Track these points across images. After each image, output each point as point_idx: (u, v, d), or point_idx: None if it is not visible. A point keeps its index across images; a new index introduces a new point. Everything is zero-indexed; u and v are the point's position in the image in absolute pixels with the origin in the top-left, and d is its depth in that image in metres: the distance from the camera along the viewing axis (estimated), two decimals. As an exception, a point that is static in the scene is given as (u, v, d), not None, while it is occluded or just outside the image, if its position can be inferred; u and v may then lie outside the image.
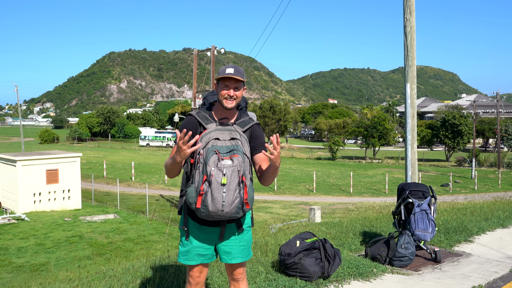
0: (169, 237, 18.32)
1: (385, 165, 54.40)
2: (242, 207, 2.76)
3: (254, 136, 3.04)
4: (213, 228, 2.98)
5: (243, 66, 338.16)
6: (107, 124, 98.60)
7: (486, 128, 69.39)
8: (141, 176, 38.88)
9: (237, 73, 2.93)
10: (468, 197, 25.34)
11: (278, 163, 2.84)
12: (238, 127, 2.96)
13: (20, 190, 23.22)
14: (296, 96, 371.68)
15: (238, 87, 2.96)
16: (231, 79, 2.94)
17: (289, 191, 34.03)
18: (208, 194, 2.71)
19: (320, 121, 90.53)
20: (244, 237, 3.06)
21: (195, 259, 3.01)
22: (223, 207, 2.70)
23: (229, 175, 2.71)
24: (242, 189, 2.75)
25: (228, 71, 2.93)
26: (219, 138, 2.82)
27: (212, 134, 2.84)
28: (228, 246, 3.03)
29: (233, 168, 2.73)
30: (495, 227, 8.03)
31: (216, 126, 2.92)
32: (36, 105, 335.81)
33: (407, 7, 8.04)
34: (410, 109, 7.98)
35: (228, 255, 3.04)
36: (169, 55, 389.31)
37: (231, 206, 2.71)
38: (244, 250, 3.07)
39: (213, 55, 25.63)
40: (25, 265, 14.43)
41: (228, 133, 2.87)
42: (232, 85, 2.94)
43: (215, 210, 2.71)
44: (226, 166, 2.72)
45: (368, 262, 5.54)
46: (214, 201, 2.70)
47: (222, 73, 2.93)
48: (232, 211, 2.73)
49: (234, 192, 2.72)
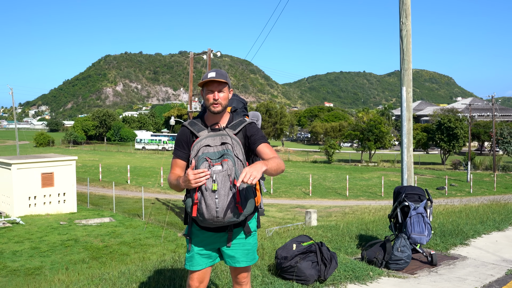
0: (165, 241, 18.26)
1: (381, 168, 54.50)
2: (238, 211, 2.74)
3: (249, 134, 3.00)
4: (219, 234, 2.97)
5: (239, 69, 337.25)
6: (102, 127, 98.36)
7: (481, 131, 69.66)
8: (136, 179, 38.76)
9: (219, 76, 2.92)
10: (464, 200, 25.42)
11: (270, 166, 2.68)
12: (230, 131, 2.94)
13: (15, 194, 23.10)
14: (292, 99, 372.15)
15: (221, 90, 2.95)
16: (214, 82, 2.93)
17: (285, 194, 34.01)
18: (202, 202, 2.71)
19: (316, 124, 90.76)
20: (248, 241, 3.04)
21: (200, 263, 3.00)
22: (217, 213, 2.69)
23: (220, 180, 2.70)
24: (234, 193, 2.73)
25: (210, 75, 2.92)
26: (210, 145, 2.82)
27: (203, 141, 2.84)
28: (232, 250, 3.01)
29: (223, 174, 2.72)
30: (491, 230, 8.04)
31: (207, 133, 2.91)
32: (31, 108, 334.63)
33: (403, 11, 8.07)
34: (406, 112, 7.99)
35: (232, 259, 3.02)
36: (165, 58, 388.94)
37: (226, 212, 2.70)
38: (249, 254, 3.05)
39: (209, 58, 25.64)
40: (20, 269, 14.34)
41: (220, 138, 2.86)
42: (215, 89, 2.93)
43: (210, 217, 2.71)
44: (216, 172, 2.72)
45: (365, 265, 5.53)
46: (208, 208, 2.70)
47: (205, 78, 2.93)
48: (229, 216, 2.72)
49: (227, 197, 2.71)
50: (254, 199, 2.87)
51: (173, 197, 30.52)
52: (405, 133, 8.02)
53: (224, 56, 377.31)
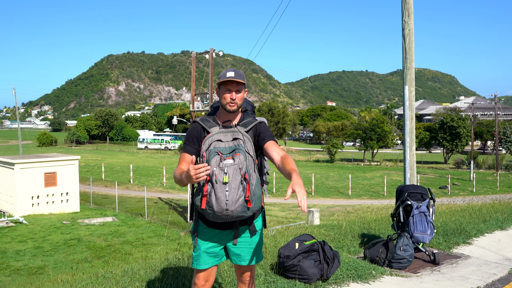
0: (168, 240, 18.29)
1: (383, 167, 54.44)
2: (247, 205, 2.77)
3: (258, 132, 3.06)
4: (225, 231, 2.99)
5: (242, 69, 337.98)
6: (105, 127, 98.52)
7: (484, 130, 69.49)
8: (139, 178, 38.83)
9: (238, 76, 2.96)
10: (467, 199, 25.36)
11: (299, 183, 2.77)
12: (241, 128, 2.99)
13: (18, 193, 23.16)
14: (295, 98, 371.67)
15: (239, 90, 2.99)
16: (232, 82, 2.96)
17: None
18: (211, 194, 2.72)
19: (319, 124, 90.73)
20: (254, 240, 3.06)
21: (207, 262, 3.01)
22: (227, 205, 2.71)
23: (231, 173, 2.73)
24: (245, 187, 2.76)
25: (229, 75, 2.95)
26: (221, 140, 2.85)
27: (215, 136, 2.87)
28: (238, 248, 3.03)
29: (235, 167, 2.75)
30: (494, 229, 8.03)
31: (219, 129, 2.95)
32: (34, 108, 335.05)
33: (405, 10, 8.06)
34: (409, 111, 7.99)
35: (238, 257, 3.04)
36: (167, 57, 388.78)
37: (235, 205, 2.72)
38: (255, 253, 3.07)
39: (212, 57, 25.63)
40: (23, 268, 14.38)
41: (231, 134, 2.90)
42: (233, 88, 2.97)
43: (220, 209, 2.72)
44: (228, 165, 2.75)
45: (367, 264, 5.53)
46: (218, 200, 2.71)
47: (223, 77, 2.96)
48: (238, 209, 2.74)
49: (237, 190, 2.73)
50: (261, 196, 2.92)
51: (176, 197, 30.55)
52: (407, 132, 8.01)
53: (227, 56, 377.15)
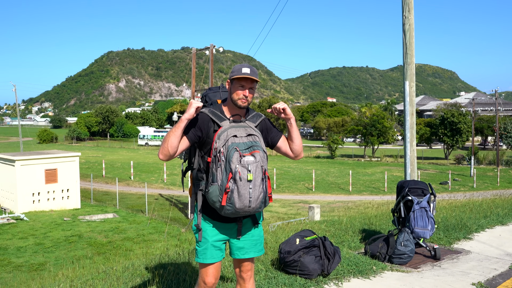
0: (168, 236, 18.31)
1: (384, 163, 54.44)
2: (265, 201, 2.82)
3: (266, 128, 3.09)
4: (228, 225, 3.01)
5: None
6: (105, 124, 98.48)
7: (485, 126, 69.44)
8: (140, 175, 38.86)
9: (253, 74, 2.93)
10: (467, 195, 25.38)
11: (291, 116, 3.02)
12: (250, 123, 2.98)
13: (19, 190, 23.19)
14: (295, 94, 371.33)
15: (252, 88, 2.96)
16: (247, 79, 2.93)
17: (288, 190, 34.04)
18: (234, 191, 2.72)
19: (319, 120, 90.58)
20: (256, 232, 3.09)
21: (214, 256, 3.01)
22: (250, 203, 2.73)
23: (254, 171, 2.74)
24: (265, 183, 2.79)
25: (245, 71, 2.91)
26: (236, 135, 2.83)
27: (229, 131, 2.84)
28: (242, 241, 3.05)
29: (257, 164, 2.76)
30: (494, 224, 8.03)
31: (230, 124, 2.92)
32: (34, 104, 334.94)
33: (406, 5, 8.03)
34: (409, 107, 7.97)
35: (241, 250, 3.05)
36: (167, 54, 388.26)
37: (257, 202, 2.76)
38: (257, 245, 3.09)
39: (212, 54, 25.60)
40: (24, 264, 14.42)
41: (243, 129, 2.88)
42: (247, 85, 2.95)
43: (242, 206, 2.74)
44: (250, 162, 2.75)
45: (368, 260, 5.54)
46: (241, 198, 2.72)
47: (238, 72, 2.92)
48: (257, 205, 2.78)
49: (260, 187, 2.76)
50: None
51: (177, 193, 30.58)
52: (408, 128, 8.00)
53: (227, 52, 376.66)
